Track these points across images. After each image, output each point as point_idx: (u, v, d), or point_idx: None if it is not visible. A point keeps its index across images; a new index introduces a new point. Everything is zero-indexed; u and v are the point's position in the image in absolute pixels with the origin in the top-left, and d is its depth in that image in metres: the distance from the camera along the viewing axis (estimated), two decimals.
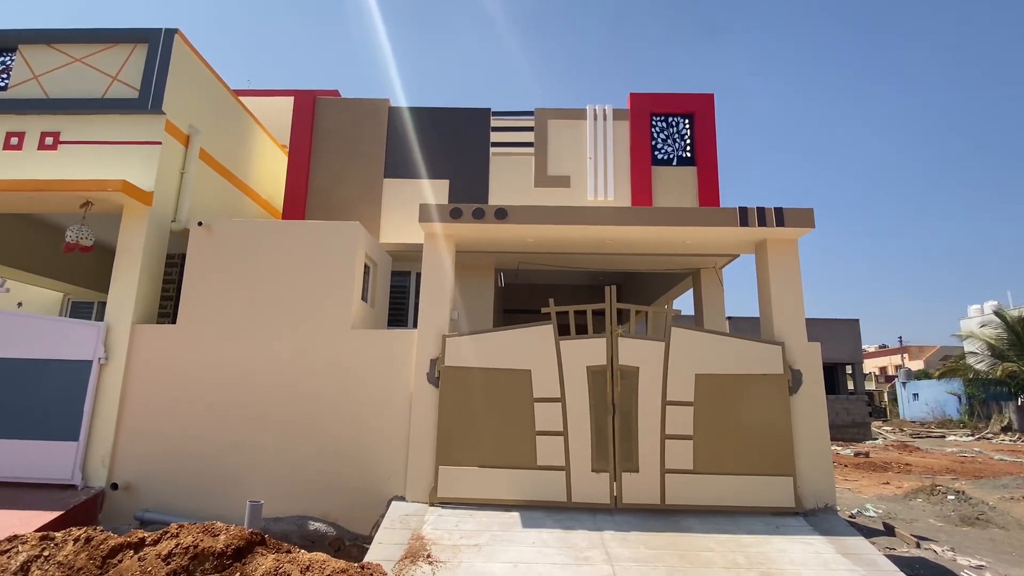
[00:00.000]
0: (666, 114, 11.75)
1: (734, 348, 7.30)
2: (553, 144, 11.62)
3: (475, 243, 8.24)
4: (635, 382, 7.13)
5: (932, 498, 12.05)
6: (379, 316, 9.04)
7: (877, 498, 12.39)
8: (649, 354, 7.21)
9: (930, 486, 12.48)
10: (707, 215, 7.37)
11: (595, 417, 7.06)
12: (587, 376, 7.15)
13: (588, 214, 7.44)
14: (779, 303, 7.53)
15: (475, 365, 7.25)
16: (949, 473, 15.97)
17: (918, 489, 12.52)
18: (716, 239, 7.89)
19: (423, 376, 7.31)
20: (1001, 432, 27.31)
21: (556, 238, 7.98)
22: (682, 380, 7.15)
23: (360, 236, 8.06)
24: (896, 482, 14.33)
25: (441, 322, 7.49)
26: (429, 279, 7.64)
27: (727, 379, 7.19)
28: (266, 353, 7.55)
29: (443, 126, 11.66)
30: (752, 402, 7.14)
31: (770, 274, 7.62)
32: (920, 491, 12.40)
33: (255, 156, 11.41)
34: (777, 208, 7.37)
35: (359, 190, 11.28)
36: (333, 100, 11.82)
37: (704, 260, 10.42)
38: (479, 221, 7.39)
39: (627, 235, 7.75)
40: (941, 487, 12.43)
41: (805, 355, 7.35)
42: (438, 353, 7.36)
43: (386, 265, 9.51)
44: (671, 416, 7.05)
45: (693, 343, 7.28)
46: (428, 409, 7.21)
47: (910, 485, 13.39)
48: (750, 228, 7.39)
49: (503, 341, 7.32)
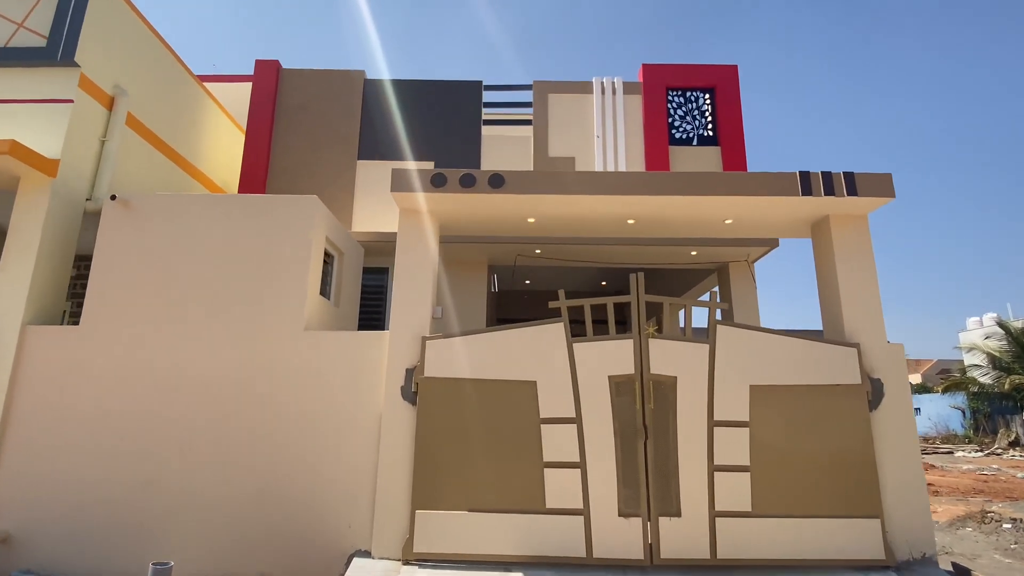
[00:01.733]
0: (684, 88, 10.26)
1: (797, 352, 5.67)
2: (555, 121, 10.07)
3: (463, 223, 6.61)
4: (672, 396, 5.48)
5: (984, 527, 10.54)
6: (345, 318, 7.35)
7: None
8: (689, 360, 5.57)
9: (979, 513, 10.99)
10: (760, 181, 5.79)
11: (621, 443, 5.38)
12: (610, 389, 5.49)
13: (609, 181, 5.83)
14: (850, 295, 5.93)
15: (464, 375, 5.56)
16: (979, 494, 14.56)
17: (964, 516, 11.03)
18: (766, 215, 6.30)
19: (395, 391, 5.62)
20: (1009, 447, 26.13)
21: (565, 216, 6.36)
22: (733, 393, 5.50)
23: (319, 215, 6.40)
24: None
25: (420, 321, 5.82)
26: (405, 265, 5.98)
27: (790, 392, 5.56)
28: (194, 364, 5.83)
29: (427, 101, 10.09)
30: (823, 421, 5.51)
31: (836, 259, 6.03)
32: (968, 519, 10.88)
33: (207, 133, 9.75)
34: (847, 173, 5.80)
35: (329, 173, 9.65)
36: (300, 71, 10.23)
37: (734, 251, 8.85)
38: (468, 190, 5.76)
39: (656, 209, 6.14)
40: (992, 514, 10.94)
41: (886, 359, 5.74)
42: (415, 361, 5.68)
43: (356, 256, 7.84)
44: (721, 441, 5.39)
45: (745, 345, 5.65)
46: (402, 434, 5.50)
47: (947, 510, 11.87)
48: (813, 198, 5.81)
49: (500, 344, 5.65)
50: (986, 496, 14.25)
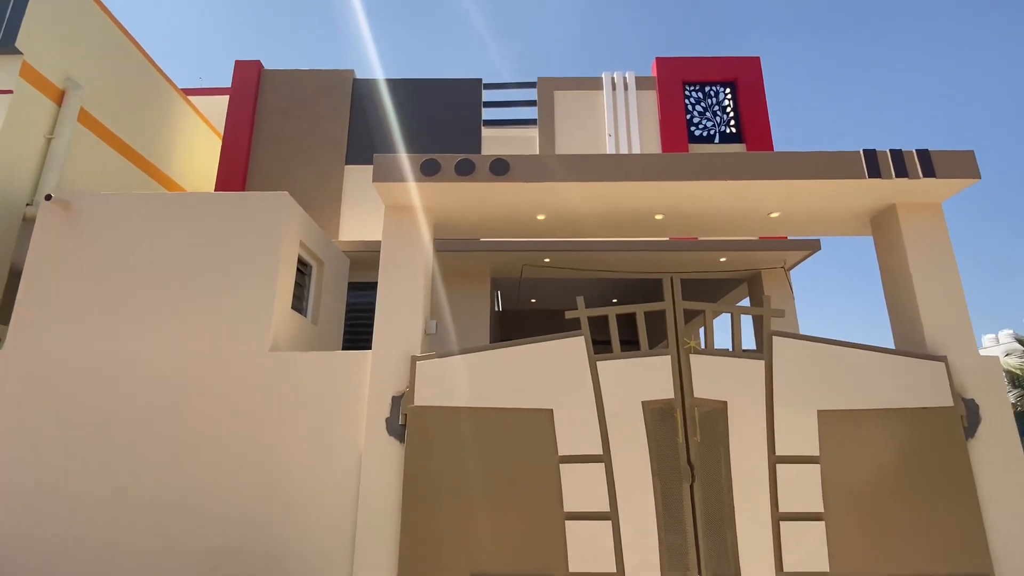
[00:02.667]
0: (702, 82, 9.38)
1: (872, 367, 4.62)
2: (562, 119, 9.18)
3: (461, 222, 5.63)
4: (723, 426, 4.41)
5: None
6: (325, 337, 6.32)
7: None
8: (741, 380, 4.52)
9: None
10: (818, 163, 4.81)
11: (662, 487, 4.30)
12: (644, 418, 4.43)
13: (635, 164, 4.86)
14: (929, 299, 4.90)
15: (463, 403, 4.52)
16: None
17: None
18: (821, 206, 5.31)
19: (379, 423, 4.56)
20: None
21: (582, 210, 5.38)
22: (798, 421, 4.44)
23: (290, 215, 5.43)
24: None
25: (409, 338, 4.80)
26: (391, 271, 4.98)
27: (868, 418, 4.49)
28: (135, 396, 4.80)
29: (422, 101, 9.23)
30: (911, 453, 4.43)
31: (908, 256, 5.02)
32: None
33: (179, 137, 8.88)
34: (922, 151, 4.83)
35: (314, 178, 8.73)
36: (283, 72, 9.41)
37: (768, 257, 7.84)
38: (466, 178, 4.79)
39: (689, 200, 5.16)
40: None
41: (980, 376, 4.68)
42: (404, 386, 4.64)
43: (340, 268, 6.86)
44: (787, 481, 4.30)
45: (808, 361, 4.60)
46: (387, 478, 4.43)
47: None
48: (880, 183, 4.82)
49: (508, 364, 4.62)
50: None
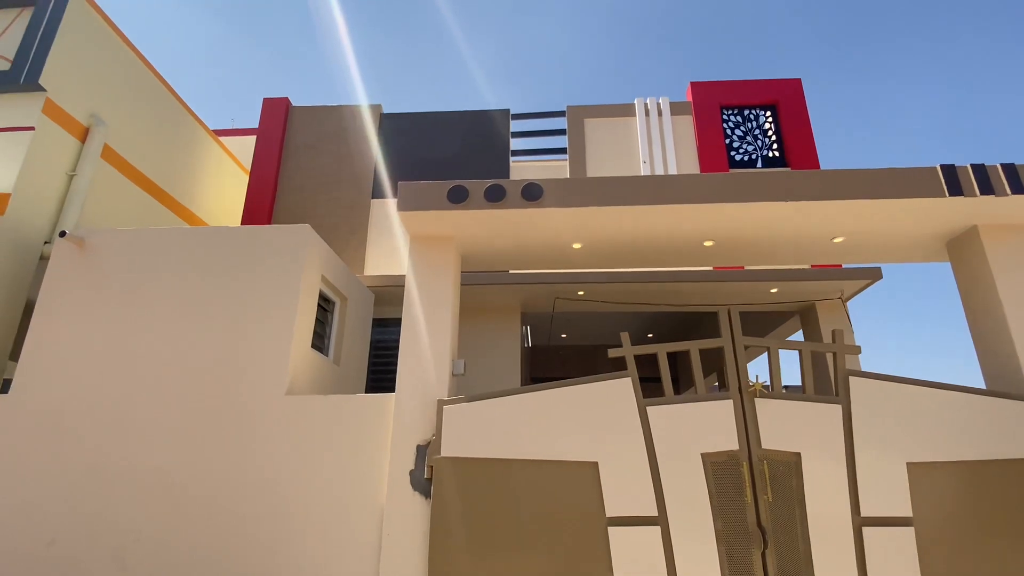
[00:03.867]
0: (741, 106, 9.00)
1: (965, 411, 3.99)
2: (593, 148, 8.86)
3: (490, 254, 5.24)
4: (797, 483, 3.81)
5: None
6: (348, 379, 5.93)
7: None
8: (815, 428, 3.93)
9: None
10: (889, 180, 4.30)
11: (728, 554, 3.70)
12: (705, 473, 3.87)
13: (683, 186, 4.42)
14: (1022, 330, 4.28)
15: (496, 455, 4.02)
16: None
17: None
18: (891, 228, 4.77)
19: (403, 476, 4.09)
20: None
21: (621, 238, 4.95)
22: (885, 475, 3.81)
23: (311, 249, 5.13)
24: None
25: (435, 380, 4.36)
26: (415, 307, 4.59)
27: (966, 471, 3.84)
28: (145, 442, 4.45)
29: (449, 134, 9.04)
30: (1014, 513, 3.75)
31: (997, 283, 4.42)
32: None
33: (205, 174, 8.82)
34: (1007, 165, 4.29)
35: (340, 213, 8.53)
36: (311, 108, 9.36)
37: (824, 288, 7.23)
38: (496, 205, 4.41)
39: (742, 225, 4.69)
40: None
41: None
42: (430, 434, 4.18)
43: (364, 304, 6.52)
44: (875, 547, 3.66)
45: (891, 404, 4.00)
46: (410, 539, 3.93)
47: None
48: (960, 201, 4.28)
49: (545, 408, 4.12)
50: None
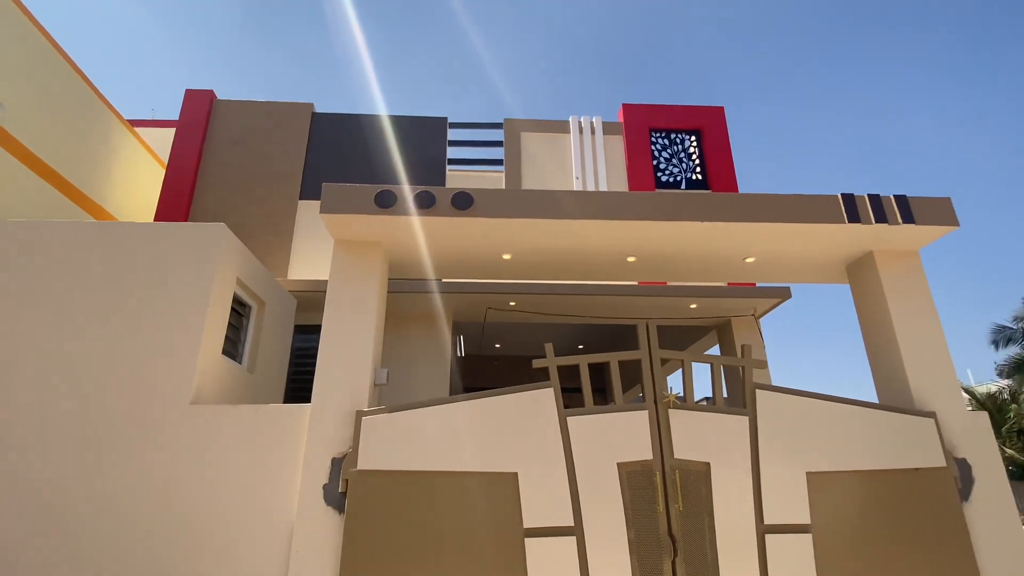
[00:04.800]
0: (668, 129, 9.39)
1: (861, 424, 4.29)
2: (529, 161, 8.97)
3: (420, 262, 5.17)
4: (706, 491, 3.95)
5: None
6: (265, 388, 5.64)
7: None
8: (724, 438, 4.10)
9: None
10: (795, 206, 4.59)
11: (640, 563, 3.77)
12: (620, 482, 3.94)
13: (610, 203, 4.53)
14: (913, 350, 4.66)
15: (415, 466, 3.93)
16: None
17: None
18: (797, 251, 5.09)
19: (315, 491, 3.92)
20: None
21: (550, 250, 5.01)
22: (787, 485, 4.02)
23: (227, 251, 4.86)
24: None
25: (355, 390, 4.22)
26: (337, 313, 4.44)
27: (860, 480, 4.12)
28: (39, 453, 4.03)
29: (384, 138, 8.89)
30: (905, 519, 4.05)
31: (890, 305, 4.81)
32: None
33: (116, 166, 8.22)
34: (900, 196, 4.69)
35: (264, 213, 8.17)
36: (238, 103, 8.95)
37: (738, 304, 7.62)
38: (426, 212, 4.36)
39: (664, 242, 4.86)
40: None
41: (970, 433, 4.41)
42: (347, 446, 4.03)
43: (285, 310, 6.24)
44: (777, 554, 3.84)
45: (794, 417, 4.24)
46: (321, 557, 3.75)
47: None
48: (858, 228, 4.64)
49: (468, 419, 4.08)
50: None
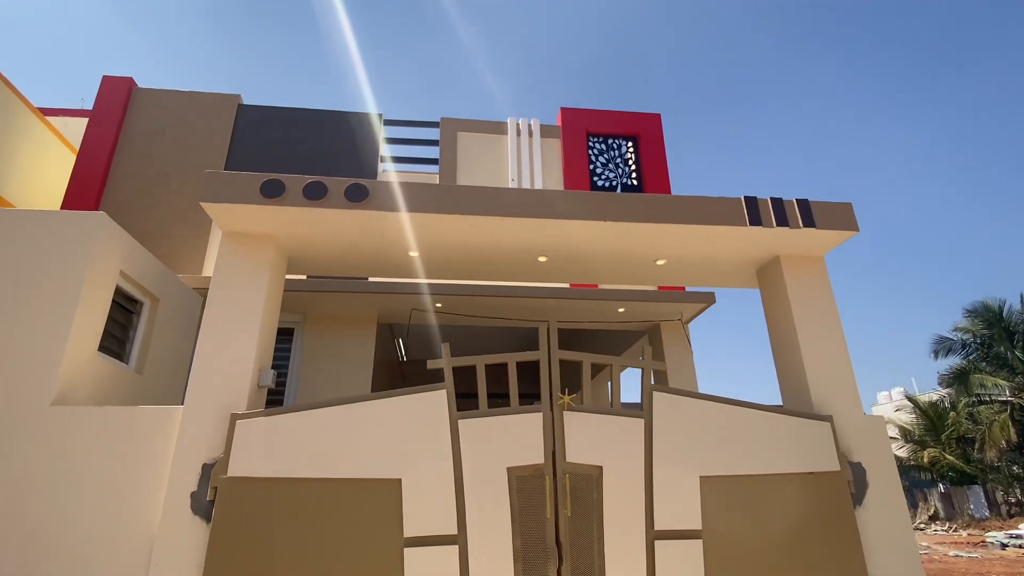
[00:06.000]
0: (605, 135, 9.40)
1: (757, 428, 4.27)
2: (464, 161, 8.83)
3: (320, 257, 4.94)
4: (597, 496, 3.84)
5: None
6: (156, 390, 5.29)
7: None
8: (619, 441, 4.01)
9: None
10: (697, 207, 4.57)
11: (524, 570, 3.62)
12: (509, 488, 3.79)
13: (510, 199, 4.41)
14: (813, 354, 4.69)
15: (292, 474, 3.70)
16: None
17: None
18: (705, 254, 5.08)
19: (183, 499, 3.64)
20: (930, 521, 26.24)
21: (457, 248, 4.86)
22: (679, 489, 3.95)
23: (107, 242, 4.54)
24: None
25: (233, 390, 3.97)
26: (219, 310, 4.18)
27: (753, 485, 4.08)
28: None
29: (315, 133, 8.61)
30: (798, 525, 4.03)
31: (793, 310, 4.83)
32: None
33: (17, 151, 7.71)
34: (802, 200, 4.72)
35: (181, 208, 7.78)
36: (158, 91, 8.54)
37: (666, 309, 7.63)
38: (316, 203, 4.15)
39: (573, 242, 4.77)
40: None
41: (867, 437, 4.44)
42: (219, 452, 3.77)
43: (186, 308, 5.90)
44: (665, 562, 3.75)
45: (690, 419, 4.18)
46: (184, 570, 3.48)
47: None
48: (762, 232, 4.64)
49: (353, 422, 3.87)
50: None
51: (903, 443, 28.07)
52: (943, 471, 25.99)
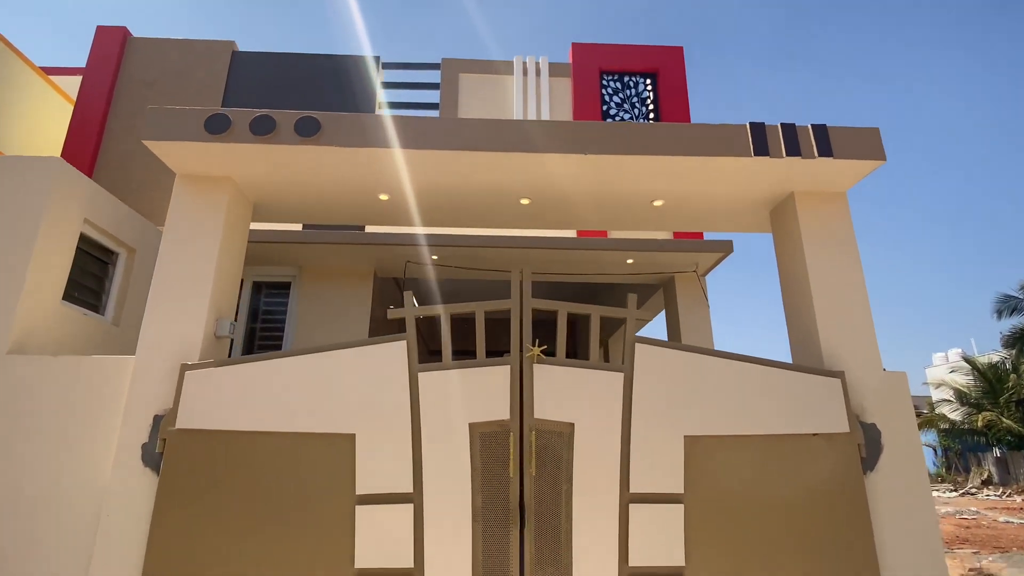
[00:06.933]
0: (621, 72, 8.66)
1: (754, 384, 3.81)
2: (467, 105, 8.32)
3: (286, 203, 4.65)
4: (567, 455, 3.52)
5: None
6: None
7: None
8: (594, 398, 3.64)
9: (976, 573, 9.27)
10: (695, 136, 4.00)
11: (484, 534, 3.37)
12: (471, 446, 3.50)
13: (476, 131, 3.96)
14: (826, 303, 4.14)
15: (241, 427, 3.51)
16: (963, 543, 12.95)
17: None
18: (707, 193, 4.53)
19: (134, 451, 3.52)
20: (983, 486, 25.13)
21: (431, 190, 4.47)
22: (660, 450, 3.57)
23: (66, 188, 4.36)
24: None
25: (186, 340, 3.78)
26: (172, 256, 3.97)
27: (745, 446, 3.66)
28: None
29: (312, 78, 8.25)
30: (794, 492, 3.61)
31: (805, 251, 4.27)
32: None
33: (16, 106, 7.68)
34: (818, 126, 4.09)
35: None
36: (153, 40, 8.30)
37: (680, 260, 7.07)
38: (264, 139, 3.82)
39: (555, 180, 4.30)
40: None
41: (884, 396, 3.92)
42: (170, 403, 3.61)
43: None
44: (640, 526, 3.43)
45: (677, 375, 3.76)
46: (135, 525, 3.38)
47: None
48: (771, 164, 4.06)
49: (307, 374, 3.64)
50: (973, 546, 12.64)
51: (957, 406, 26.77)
52: (1000, 435, 24.67)
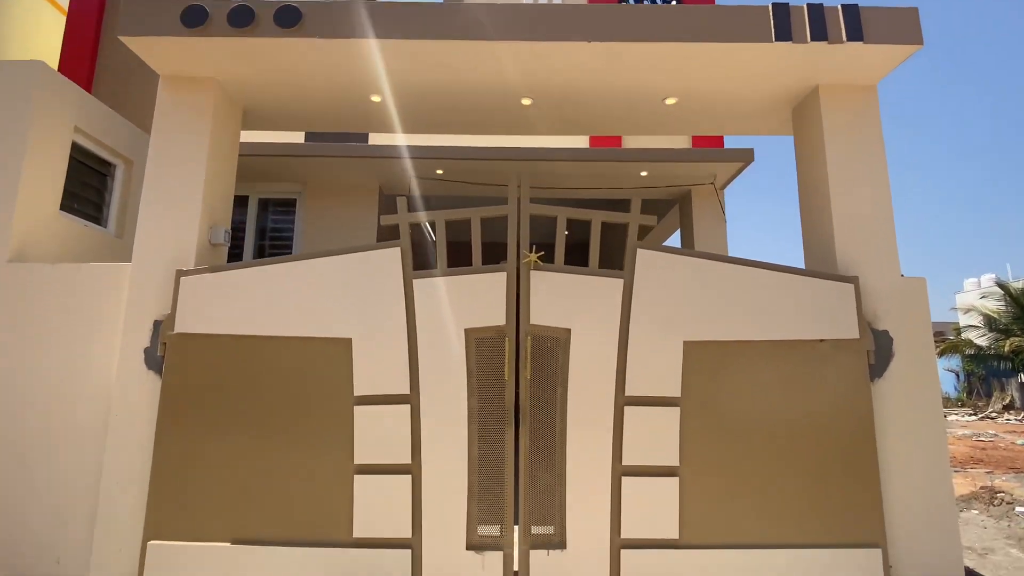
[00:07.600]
0: None
1: (759, 289, 3.66)
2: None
3: (276, 108, 4.46)
4: (563, 359, 3.48)
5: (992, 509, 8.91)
6: None
7: None
8: (593, 303, 3.55)
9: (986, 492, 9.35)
10: (710, 18, 3.63)
11: (479, 434, 3.41)
12: (467, 350, 3.48)
13: (474, 17, 3.64)
14: (845, 204, 3.89)
15: (239, 331, 3.53)
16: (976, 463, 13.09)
17: (969, 496, 9.35)
18: (725, 88, 4.18)
19: (136, 355, 3.59)
20: (1004, 410, 25.10)
21: (423, 89, 4.22)
22: (658, 354, 3.51)
23: (52, 95, 4.22)
24: None
25: (181, 247, 3.75)
26: (162, 162, 3.87)
27: (746, 351, 3.57)
28: None
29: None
30: (796, 398, 3.55)
31: (826, 148, 3.96)
32: (973, 499, 9.20)
33: (8, 14, 7.42)
34: (850, 6, 3.66)
35: None
36: None
37: (696, 171, 6.73)
38: (243, 32, 3.58)
39: (554, 73, 4.00)
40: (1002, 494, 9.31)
41: (900, 302, 3.75)
42: (167, 308, 3.63)
43: None
44: (635, 428, 3.42)
45: (679, 280, 3.62)
46: (140, 426, 3.50)
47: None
48: (794, 46, 3.68)
49: (299, 281, 3.60)
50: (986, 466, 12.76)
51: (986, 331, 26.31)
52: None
